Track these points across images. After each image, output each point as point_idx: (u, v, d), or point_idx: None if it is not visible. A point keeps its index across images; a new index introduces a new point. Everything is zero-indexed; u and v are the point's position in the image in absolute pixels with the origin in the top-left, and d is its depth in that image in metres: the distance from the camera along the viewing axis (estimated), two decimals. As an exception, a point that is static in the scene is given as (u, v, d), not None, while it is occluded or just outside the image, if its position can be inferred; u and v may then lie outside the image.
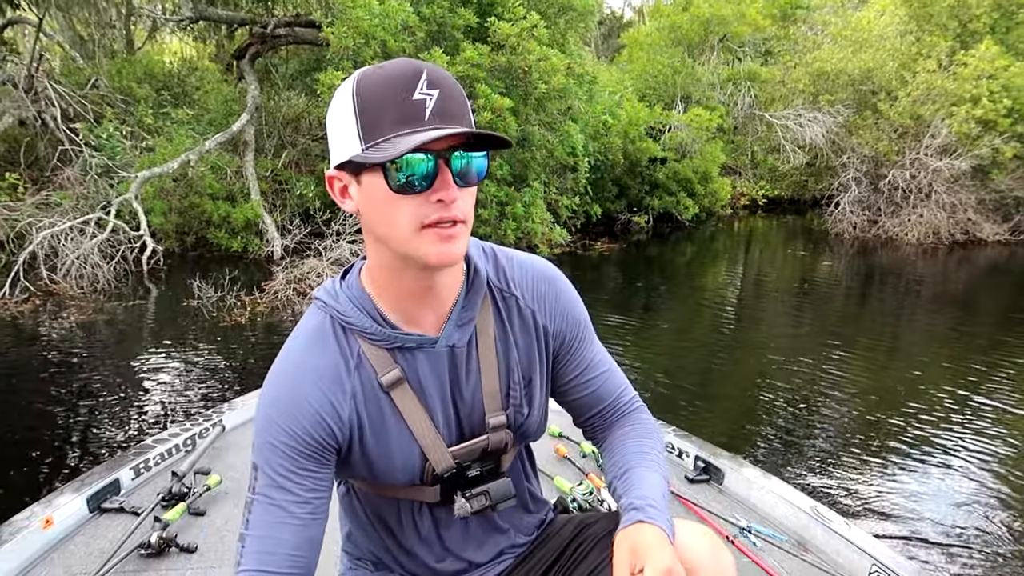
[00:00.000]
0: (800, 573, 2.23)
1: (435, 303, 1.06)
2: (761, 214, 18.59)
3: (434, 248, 0.93)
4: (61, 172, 9.68)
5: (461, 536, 1.23)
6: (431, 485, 1.14)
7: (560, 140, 10.22)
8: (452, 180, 0.92)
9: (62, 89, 10.30)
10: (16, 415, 4.50)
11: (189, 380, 5.12)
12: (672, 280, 10.53)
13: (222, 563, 2.18)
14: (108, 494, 2.45)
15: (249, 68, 10.24)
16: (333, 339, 1.05)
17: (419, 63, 0.91)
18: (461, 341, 1.09)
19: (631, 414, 1.26)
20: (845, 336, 6.92)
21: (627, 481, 1.12)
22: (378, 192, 0.92)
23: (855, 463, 4.13)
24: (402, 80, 0.89)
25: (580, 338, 1.21)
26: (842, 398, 5.20)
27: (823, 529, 2.37)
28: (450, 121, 0.90)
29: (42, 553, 2.15)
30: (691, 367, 6.05)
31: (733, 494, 2.70)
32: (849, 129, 14.92)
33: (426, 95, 0.89)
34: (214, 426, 2.99)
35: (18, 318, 6.64)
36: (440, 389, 1.10)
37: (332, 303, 1.07)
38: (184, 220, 9.94)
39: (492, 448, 1.16)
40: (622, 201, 14.48)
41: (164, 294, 7.89)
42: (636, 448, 1.18)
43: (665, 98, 15.87)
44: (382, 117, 0.89)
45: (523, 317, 1.15)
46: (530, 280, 1.16)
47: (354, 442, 1.06)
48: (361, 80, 0.91)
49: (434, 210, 0.92)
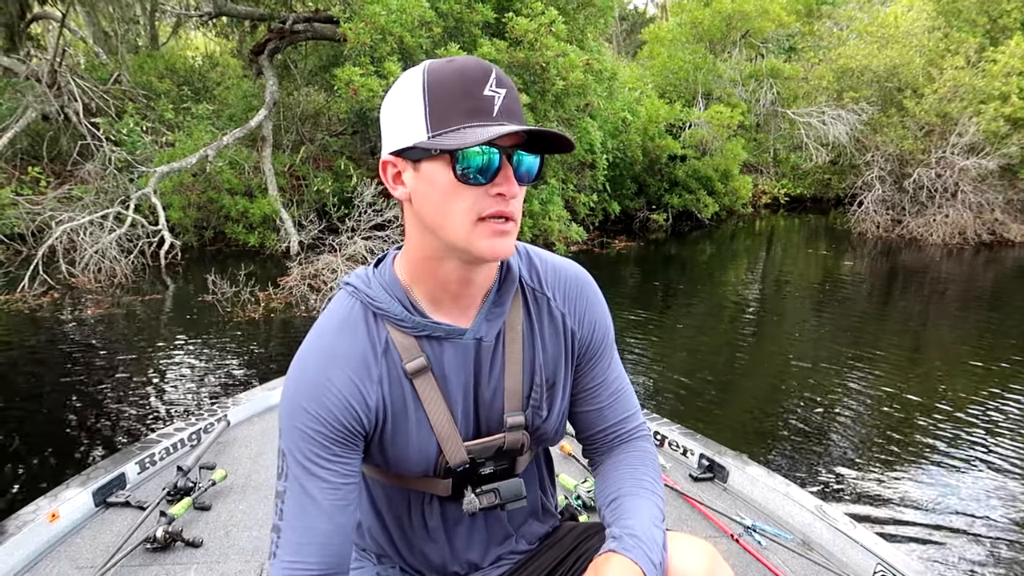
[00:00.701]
0: (805, 572, 2.22)
1: (468, 296, 1.07)
2: (783, 213, 18.37)
3: (487, 242, 0.95)
4: (83, 166, 9.79)
5: (467, 534, 1.22)
6: (443, 478, 1.14)
7: (578, 137, 10.14)
8: (512, 176, 0.94)
9: (85, 84, 10.41)
10: (26, 407, 4.52)
11: (199, 376, 5.13)
12: (690, 279, 10.41)
13: (227, 558, 2.17)
14: (114, 488, 2.46)
15: (268, 63, 10.27)
16: (363, 325, 1.06)
17: (486, 62, 0.94)
18: (489, 335, 1.09)
19: (632, 441, 1.24)
20: (866, 337, 6.80)
21: (615, 510, 1.11)
22: (439, 180, 0.93)
23: (869, 465, 4.04)
24: (474, 75, 0.92)
25: (603, 350, 1.21)
26: (860, 400, 5.10)
27: (828, 528, 2.36)
28: (513, 120, 0.93)
29: (48, 547, 2.16)
30: (707, 366, 5.96)
31: (738, 492, 2.70)
32: (873, 127, 14.69)
33: (495, 92, 0.92)
34: (219, 421, 3.00)
35: (36, 311, 6.70)
36: (463, 381, 1.10)
37: (364, 289, 1.07)
38: (203, 215, 10.02)
39: (507, 447, 1.16)
40: (641, 199, 14.39)
41: (180, 288, 7.94)
42: (630, 475, 1.17)
43: (686, 95, 15.73)
44: (453, 107, 0.91)
45: (553, 319, 1.16)
46: (563, 283, 1.17)
47: (378, 429, 1.07)
48: (432, 70, 0.93)
49: (492, 203, 0.94)
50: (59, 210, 8.53)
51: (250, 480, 2.67)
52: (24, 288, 7.08)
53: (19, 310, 6.70)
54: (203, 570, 2.11)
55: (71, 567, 2.08)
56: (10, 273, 7.74)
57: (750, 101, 15.93)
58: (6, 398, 4.66)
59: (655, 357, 6.08)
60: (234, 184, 9.76)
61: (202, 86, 13.22)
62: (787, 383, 5.44)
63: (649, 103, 13.38)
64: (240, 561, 2.16)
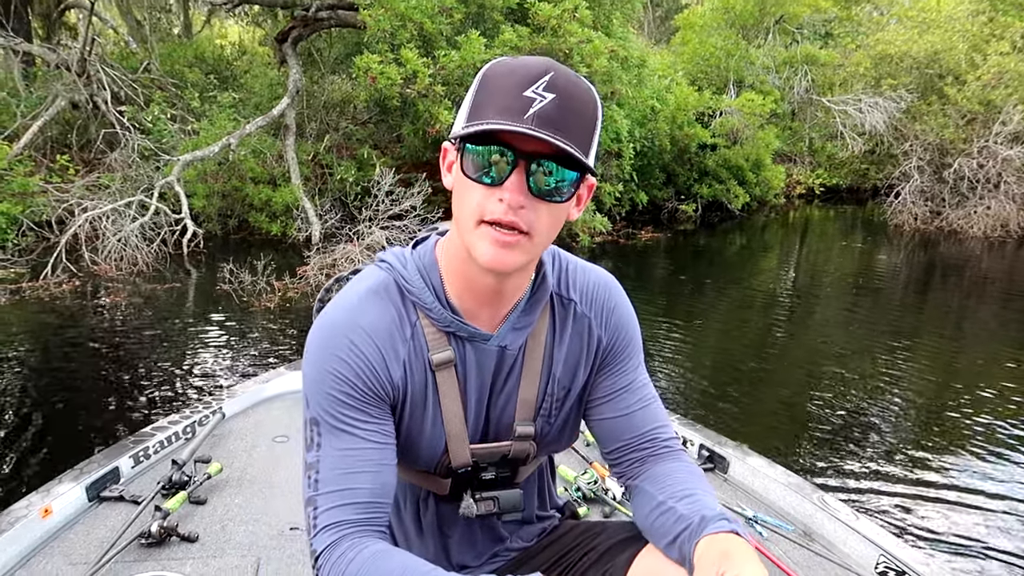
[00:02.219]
0: (807, 563, 2.21)
1: (497, 303, 1.06)
2: (818, 204, 17.98)
3: (486, 248, 0.91)
4: (110, 155, 9.89)
5: (460, 536, 1.21)
6: (443, 477, 1.13)
7: (604, 126, 9.95)
8: (524, 185, 0.89)
9: (114, 72, 10.51)
10: (26, 397, 4.54)
11: (206, 366, 5.12)
12: (719, 271, 10.20)
13: (223, 552, 2.15)
14: (107, 483, 2.43)
15: (291, 51, 10.25)
16: (393, 301, 1.04)
17: (550, 63, 0.89)
18: (514, 345, 1.08)
19: (675, 453, 1.16)
20: (901, 333, 6.57)
21: (694, 503, 1.03)
22: (459, 172, 0.93)
23: (897, 464, 3.90)
24: (523, 74, 0.87)
25: (628, 355, 1.17)
26: (891, 397, 4.92)
27: (830, 519, 2.34)
28: (551, 129, 0.85)
29: (41, 543, 2.13)
30: (735, 362, 5.81)
31: (739, 483, 2.68)
32: (912, 115, 14.23)
33: (538, 95, 0.86)
34: (214, 413, 2.97)
35: (57, 298, 6.77)
36: (480, 384, 1.08)
37: (400, 269, 1.05)
38: (227, 203, 10.07)
39: (513, 456, 1.15)
40: (669, 189, 14.14)
41: (200, 277, 7.98)
42: (698, 484, 1.09)
43: (717, 82, 15.38)
44: (490, 103, 0.88)
45: (577, 323, 1.13)
46: (590, 287, 1.15)
47: (396, 411, 1.05)
48: (494, 64, 0.92)
49: (496, 209, 0.90)
50: (87, 197, 8.62)
51: (246, 473, 2.64)
52: (47, 276, 7.16)
53: (39, 298, 6.77)
54: (199, 565, 2.08)
55: (65, 563, 2.05)
56: (32, 260, 7.85)
57: (784, 89, 15.53)
58: (7, 387, 4.68)
59: (680, 352, 5.94)
60: (257, 173, 9.78)
61: (230, 75, 13.27)
62: (817, 380, 5.27)
63: (679, 90, 13.10)
64: (236, 556, 2.14)
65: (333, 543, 0.95)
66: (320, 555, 0.96)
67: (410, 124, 9.09)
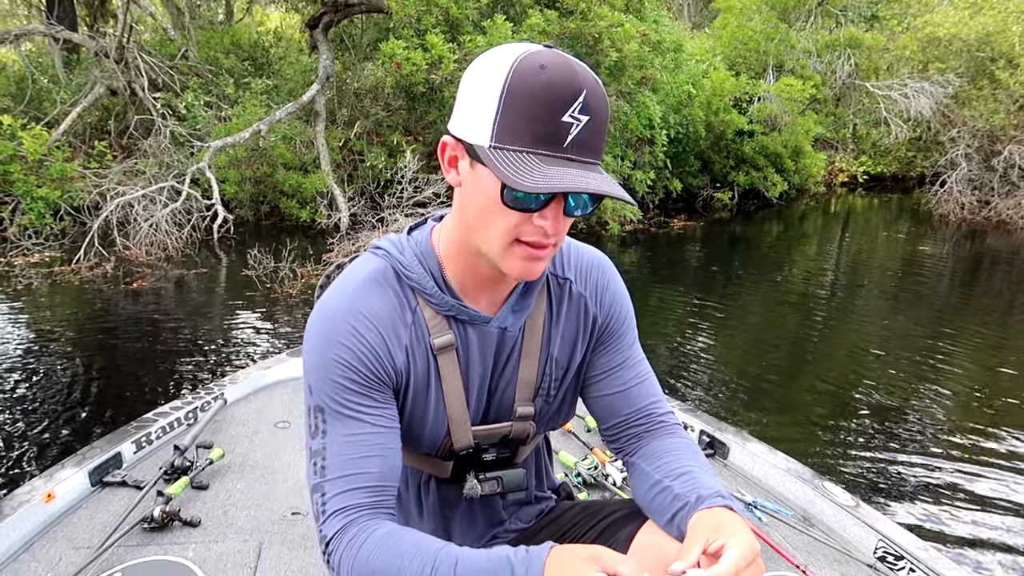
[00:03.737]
0: (806, 548, 2.23)
1: (497, 287, 1.07)
2: (861, 192, 17.49)
3: (519, 264, 0.93)
4: (146, 141, 10.06)
5: (461, 518, 1.23)
6: (445, 460, 1.15)
7: (636, 112, 9.78)
8: (562, 212, 0.91)
9: (151, 60, 10.67)
10: (53, 377, 4.61)
11: (221, 352, 5.14)
12: (754, 261, 9.96)
13: (226, 537, 2.17)
14: (110, 468, 2.46)
15: (322, 37, 10.27)
16: (392, 287, 1.04)
17: (581, 78, 0.86)
18: (514, 327, 1.09)
19: (671, 428, 1.19)
20: (941, 328, 6.33)
21: (690, 481, 1.04)
22: (487, 191, 0.89)
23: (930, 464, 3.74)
24: (559, 95, 0.84)
25: (623, 332, 1.19)
26: (929, 393, 4.74)
27: (829, 504, 2.36)
28: (586, 153, 0.87)
29: (44, 527, 2.16)
30: (768, 355, 5.63)
31: (738, 469, 2.70)
32: (960, 100, 13.70)
33: (575, 120, 0.85)
34: (215, 399, 2.99)
35: (87, 282, 6.89)
36: (482, 367, 1.09)
37: (396, 255, 1.05)
38: (259, 190, 10.16)
39: (513, 436, 1.17)
40: (705, 176, 13.88)
41: (229, 263, 8.06)
42: (693, 459, 1.11)
43: (756, 67, 15.01)
44: (524, 126, 0.85)
45: (573, 302, 1.15)
46: (584, 266, 1.16)
47: (398, 395, 1.05)
48: (519, 72, 0.85)
49: (534, 232, 0.91)
50: (123, 183, 8.78)
51: (248, 459, 2.67)
52: (79, 260, 7.32)
53: (69, 281, 6.90)
54: (201, 549, 2.10)
55: (68, 547, 2.08)
56: (66, 245, 8.02)
57: (825, 73, 15.07)
58: (27, 366, 4.77)
59: (712, 344, 5.80)
60: (288, 159, 9.85)
61: (265, 61, 13.38)
62: (853, 377, 5.09)
63: (716, 75, 12.81)
64: (239, 540, 2.16)
65: (344, 527, 0.95)
66: (331, 540, 0.96)
67: (436, 110, 9.05)
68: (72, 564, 1.97)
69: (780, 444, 2.83)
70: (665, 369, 5.14)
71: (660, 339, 5.91)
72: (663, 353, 5.52)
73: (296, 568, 2.05)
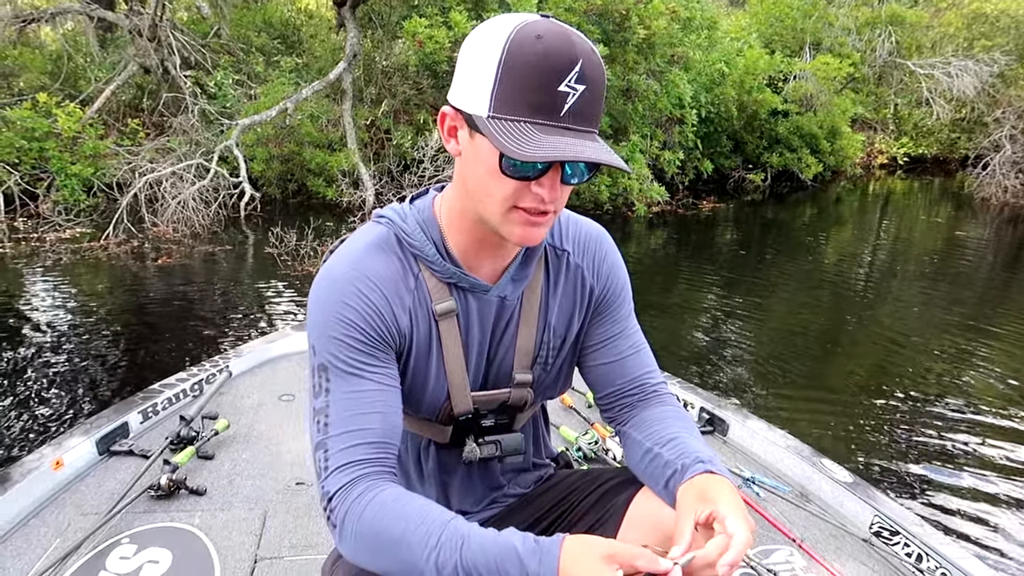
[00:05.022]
0: (803, 523, 2.27)
1: (498, 256, 1.08)
2: (900, 175, 16.99)
3: (519, 230, 0.95)
4: (178, 118, 10.19)
5: (460, 482, 1.25)
6: (444, 425, 1.17)
7: (666, 90, 9.61)
8: (559, 180, 0.92)
9: (184, 38, 10.78)
10: (71, 349, 4.72)
11: (235, 327, 5.21)
12: (785, 245, 9.76)
13: (231, 506, 2.22)
14: (117, 437, 2.51)
15: (350, 15, 10.25)
16: (396, 253, 1.06)
17: (577, 47, 0.87)
18: (513, 296, 1.11)
19: (662, 397, 1.21)
20: (979, 317, 6.14)
21: (678, 446, 1.07)
22: (485, 159, 0.91)
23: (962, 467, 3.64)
24: (556, 65, 0.85)
25: (619, 303, 1.21)
26: (962, 386, 4.60)
27: (826, 480, 2.40)
28: (582, 122, 0.89)
29: (53, 494, 2.21)
30: (796, 342, 5.52)
31: (737, 445, 2.74)
32: (1007, 80, 13.18)
33: (571, 89, 0.86)
34: (221, 371, 3.04)
35: (113, 258, 7.03)
36: (481, 334, 1.12)
37: (400, 223, 1.07)
38: (287, 168, 10.24)
39: (512, 402, 1.19)
40: (737, 157, 13.61)
41: (255, 240, 8.15)
42: (681, 425, 1.14)
43: (792, 45, 14.61)
44: (520, 95, 0.86)
45: (571, 273, 1.17)
46: (582, 237, 1.18)
47: (400, 358, 1.07)
48: (516, 42, 0.86)
49: (532, 199, 0.92)
50: (155, 161, 8.92)
51: (252, 430, 2.72)
52: (108, 236, 7.46)
53: (97, 257, 7.05)
54: (207, 517, 2.15)
55: (76, 513, 2.13)
56: (95, 221, 8.18)
57: (865, 51, 14.60)
58: (49, 339, 4.88)
59: (738, 330, 5.69)
60: (315, 137, 9.89)
61: (296, 39, 13.42)
62: (884, 367, 4.96)
63: (749, 53, 12.50)
64: (244, 509, 2.20)
65: (349, 484, 0.95)
66: (335, 495, 0.96)
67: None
68: (81, 529, 2.02)
69: (808, 429, 2.81)
70: (686, 351, 5.09)
71: (684, 321, 5.85)
72: (685, 335, 5.46)
73: (301, 537, 2.09)
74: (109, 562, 1.92)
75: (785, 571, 2.04)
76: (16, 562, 1.91)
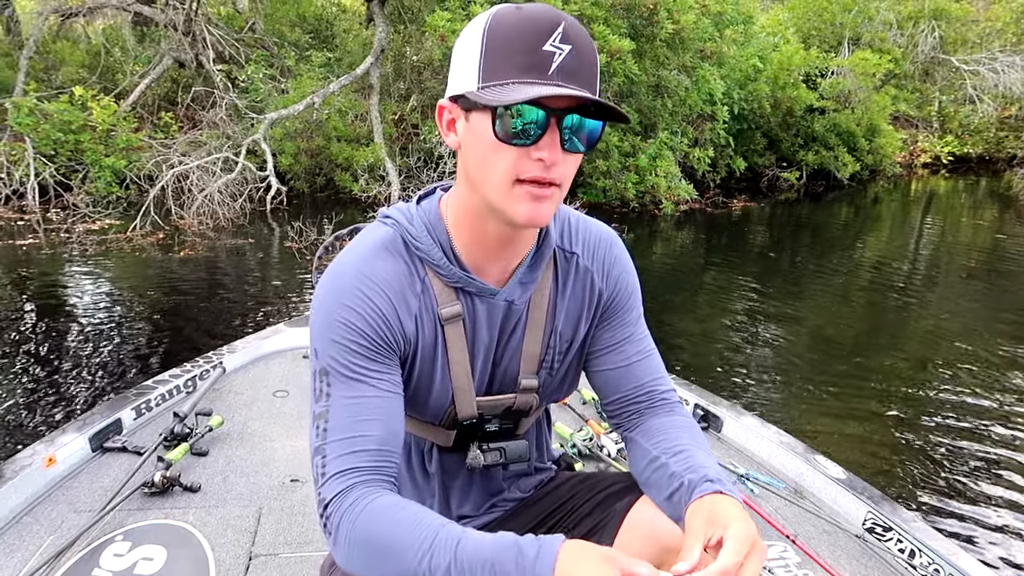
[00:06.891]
0: (796, 519, 2.28)
1: (505, 257, 1.06)
2: (944, 174, 16.45)
3: (523, 206, 0.92)
4: (210, 112, 10.34)
5: (461, 487, 1.24)
6: (448, 429, 1.16)
7: (696, 86, 9.43)
8: (559, 141, 0.89)
9: (218, 32, 10.93)
10: (84, 339, 4.77)
11: (247, 320, 5.24)
12: (819, 247, 9.49)
13: (225, 502, 2.22)
14: (110, 434, 2.51)
15: (379, 10, 10.28)
16: (402, 256, 1.04)
17: (559, 14, 0.88)
18: (521, 300, 1.09)
19: (672, 405, 1.18)
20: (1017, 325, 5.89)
21: (686, 460, 1.05)
22: (482, 134, 0.90)
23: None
24: (537, 27, 0.86)
25: (628, 307, 1.19)
26: (1001, 399, 4.41)
27: (820, 477, 2.41)
28: (574, 81, 0.87)
29: (46, 491, 2.22)
30: (830, 347, 5.34)
31: (731, 442, 2.75)
32: (1057, 76, 12.68)
33: (556, 48, 0.86)
34: (214, 368, 3.04)
35: (139, 249, 7.13)
36: (487, 338, 1.10)
37: (406, 225, 1.05)
38: (315, 162, 10.31)
39: (516, 407, 1.17)
40: (771, 155, 13.31)
41: (277, 234, 8.20)
42: (691, 437, 1.11)
43: (831, 40, 14.22)
44: (506, 60, 0.87)
45: (580, 276, 1.15)
46: (592, 240, 1.16)
47: (406, 364, 1.06)
48: (496, 16, 0.89)
49: (533, 167, 0.90)
50: (187, 154, 9.05)
51: (246, 427, 2.71)
52: (135, 228, 7.59)
53: (122, 248, 7.16)
54: (202, 514, 2.14)
55: (70, 510, 2.13)
56: (124, 213, 8.30)
57: (906, 47, 14.15)
58: (63, 327, 4.94)
59: (769, 333, 5.55)
60: (342, 131, 9.93)
61: (329, 34, 13.52)
62: (921, 375, 4.79)
63: (784, 48, 12.20)
64: (238, 505, 2.20)
65: (344, 491, 0.95)
66: (330, 503, 0.95)
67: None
68: (74, 526, 2.02)
69: (843, 440, 2.73)
70: (711, 353, 4.99)
71: (708, 323, 5.73)
72: (709, 336, 5.35)
73: (295, 534, 2.08)
74: (103, 559, 1.92)
75: (779, 567, 2.05)
76: (9, 560, 1.91)
